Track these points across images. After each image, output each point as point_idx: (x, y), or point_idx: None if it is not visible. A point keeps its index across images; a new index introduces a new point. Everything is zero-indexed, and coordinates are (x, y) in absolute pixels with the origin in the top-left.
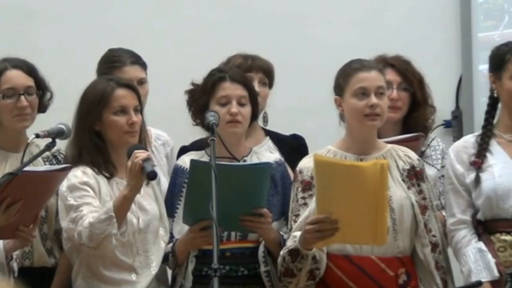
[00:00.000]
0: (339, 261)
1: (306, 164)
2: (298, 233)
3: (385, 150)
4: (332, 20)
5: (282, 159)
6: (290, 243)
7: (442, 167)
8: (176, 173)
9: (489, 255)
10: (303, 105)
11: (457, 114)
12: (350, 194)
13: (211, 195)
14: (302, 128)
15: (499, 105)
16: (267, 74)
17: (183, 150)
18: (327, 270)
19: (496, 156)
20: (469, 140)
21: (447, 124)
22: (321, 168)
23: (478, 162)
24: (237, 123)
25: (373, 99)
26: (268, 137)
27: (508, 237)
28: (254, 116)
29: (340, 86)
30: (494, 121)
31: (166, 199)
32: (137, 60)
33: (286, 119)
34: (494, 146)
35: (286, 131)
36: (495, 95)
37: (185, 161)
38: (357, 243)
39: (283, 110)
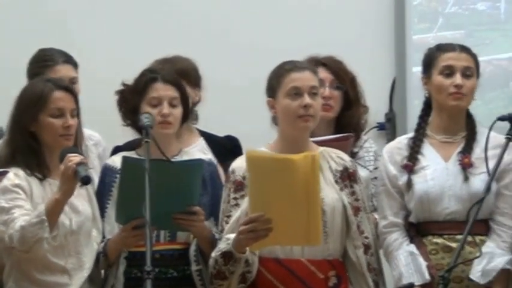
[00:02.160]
0: (269, 264)
1: (239, 164)
2: (231, 236)
3: (318, 152)
4: (265, 20)
5: (212, 160)
6: (223, 246)
7: (375, 168)
8: (105, 172)
9: (420, 259)
10: (236, 107)
11: (390, 117)
12: (283, 191)
13: (145, 196)
14: (236, 130)
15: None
16: (183, 75)
17: (117, 150)
18: (257, 273)
19: (429, 157)
20: (402, 141)
21: (381, 126)
22: (253, 164)
23: (409, 165)
24: (168, 125)
25: (307, 99)
26: (202, 138)
27: (439, 240)
28: (185, 117)
29: (273, 87)
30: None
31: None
32: (69, 60)
33: (220, 120)
34: (427, 147)
35: (220, 133)
36: (426, 95)
37: (114, 160)
38: (291, 245)
39: (217, 112)
